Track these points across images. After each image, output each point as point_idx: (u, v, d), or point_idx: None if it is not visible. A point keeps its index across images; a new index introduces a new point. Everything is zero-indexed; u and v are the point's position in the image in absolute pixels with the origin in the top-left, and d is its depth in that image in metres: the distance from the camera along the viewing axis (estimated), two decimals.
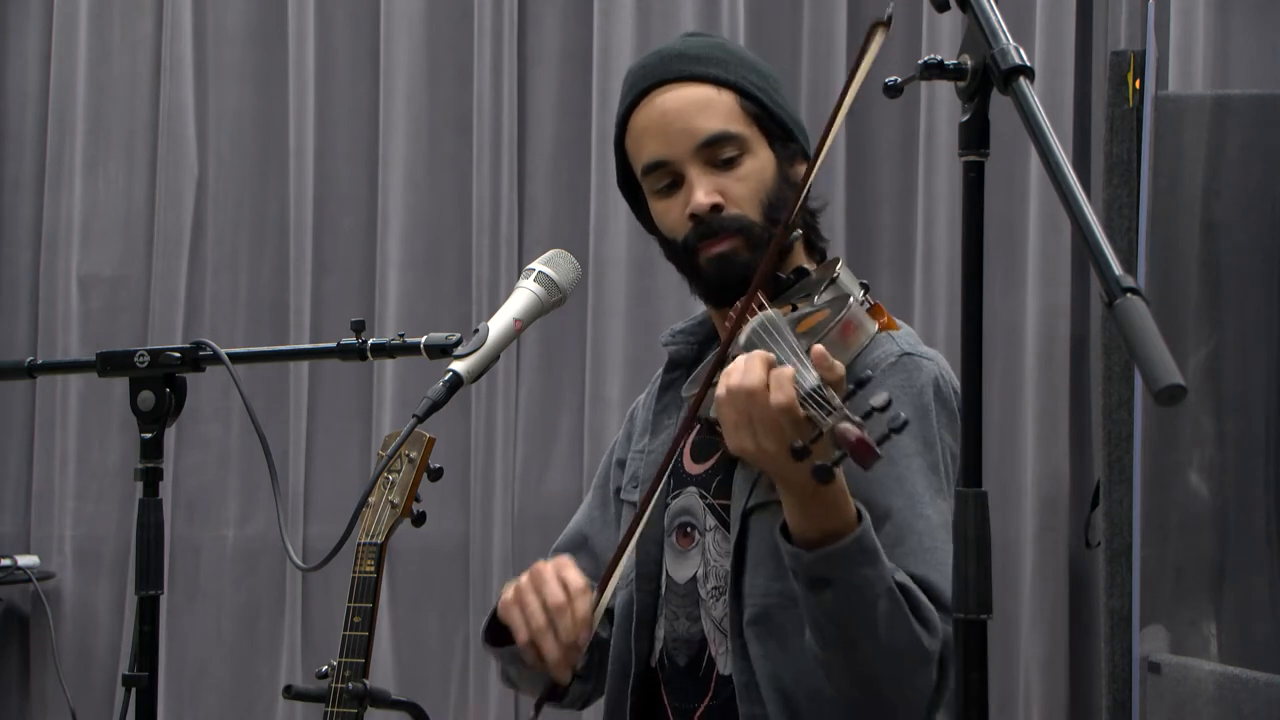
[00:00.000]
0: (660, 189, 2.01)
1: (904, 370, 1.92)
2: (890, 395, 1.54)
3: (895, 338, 1.94)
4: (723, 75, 2.00)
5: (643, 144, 2.02)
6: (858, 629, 1.77)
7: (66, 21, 4.27)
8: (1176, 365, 1.19)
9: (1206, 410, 3.40)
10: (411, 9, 4.21)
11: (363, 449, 4.18)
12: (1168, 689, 3.25)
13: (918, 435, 1.89)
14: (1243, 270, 3.44)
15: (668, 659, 2.01)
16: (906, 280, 4.02)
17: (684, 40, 2.08)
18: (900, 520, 1.86)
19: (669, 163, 1.99)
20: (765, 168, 1.99)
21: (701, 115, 1.98)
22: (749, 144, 1.98)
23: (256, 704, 4.19)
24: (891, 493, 1.87)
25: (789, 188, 1.99)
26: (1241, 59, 3.86)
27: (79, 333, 4.24)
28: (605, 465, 2.26)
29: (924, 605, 1.81)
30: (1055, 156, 1.31)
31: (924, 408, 1.91)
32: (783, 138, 2.01)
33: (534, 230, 4.16)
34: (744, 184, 1.97)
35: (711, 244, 1.97)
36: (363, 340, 1.96)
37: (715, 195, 1.96)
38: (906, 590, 1.79)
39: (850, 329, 1.75)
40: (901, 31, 4.08)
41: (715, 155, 1.97)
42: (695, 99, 1.98)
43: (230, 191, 4.28)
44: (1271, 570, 3.37)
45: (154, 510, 1.94)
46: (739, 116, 1.98)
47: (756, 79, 2.01)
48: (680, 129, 1.97)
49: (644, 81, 2.01)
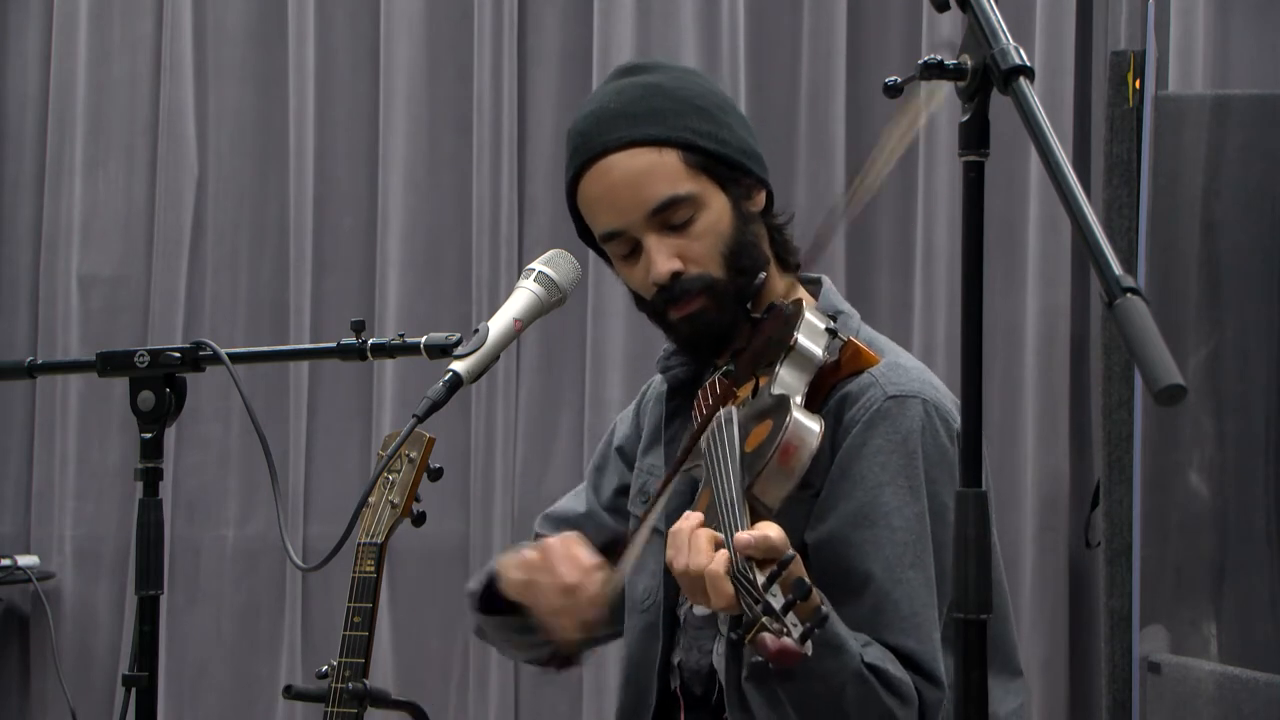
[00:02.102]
0: (621, 255, 2.00)
1: (887, 419, 1.89)
2: (810, 588, 1.52)
3: (877, 376, 1.91)
4: (662, 134, 1.95)
5: (595, 215, 2.00)
6: (825, 712, 1.77)
7: (66, 22, 4.27)
8: (1176, 365, 1.18)
9: (1206, 410, 3.40)
10: (411, 9, 4.21)
11: (363, 449, 4.18)
12: (1168, 689, 3.25)
13: (903, 486, 1.87)
14: (1243, 270, 3.44)
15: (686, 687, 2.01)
16: (906, 280, 4.02)
17: (618, 91, 2.01)
18: (878, 589, 1.85)
19: (624, 232, 1.97)
20: (721, 218, 1.96)
21: (647, 183, 1.94)
22: (700, 199, 1.95)
23: (256, 704, 4.19)
24: (869, 558, 1.85)
25: (749, 225, 1.98)
26: (1241, 59, 3.86)
27: (79, 333, 4.24)
28: (602, 452, 2.25)
29: (896, 680, 1.80)
30: (1055, 156, 1.31)
31: (910, 454, 1.88)
32: (735, 176, 1.98)
33: (534, 230, 4.16)
34: (701, 242, 1.95)
35: (679, 306, 1.96)
36: (363, 340, 1.96)
37: (674, 262, 1.94)
38: (877, 670, 1.78)
39: (789, 453, 1.73)
40: (902, 31, 4.09)
41: (668, 219, 1.94)
42: (639, 167, 1.94)
43: (230, 191, 4.28)
44: (1271, 570, 3.37)
45: (154, 510, 1.94)
46: (685, 175, 1.94)
47: (699, 123, 1.96)
48: (629, 200, 1.95)
49: (585, 152, 1.98)
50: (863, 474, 1.88)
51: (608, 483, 2.23)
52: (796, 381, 1.84)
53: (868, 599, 1.84)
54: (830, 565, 1.85)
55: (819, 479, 1.89)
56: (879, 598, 1.84)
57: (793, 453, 1.74)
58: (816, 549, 1.86)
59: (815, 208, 3.94)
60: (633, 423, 2.22)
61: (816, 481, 1.88)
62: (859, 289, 3.99)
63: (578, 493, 2.27)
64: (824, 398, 1.89)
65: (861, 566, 1.85)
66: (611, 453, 2.23)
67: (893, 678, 1.80)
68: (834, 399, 1.91)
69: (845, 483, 1.88)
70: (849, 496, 1.88)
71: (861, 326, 2.03)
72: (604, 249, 2.03)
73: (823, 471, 1.88)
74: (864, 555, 1.85)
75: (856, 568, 1.85)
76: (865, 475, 1.88)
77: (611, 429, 2.27)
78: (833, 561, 1.85)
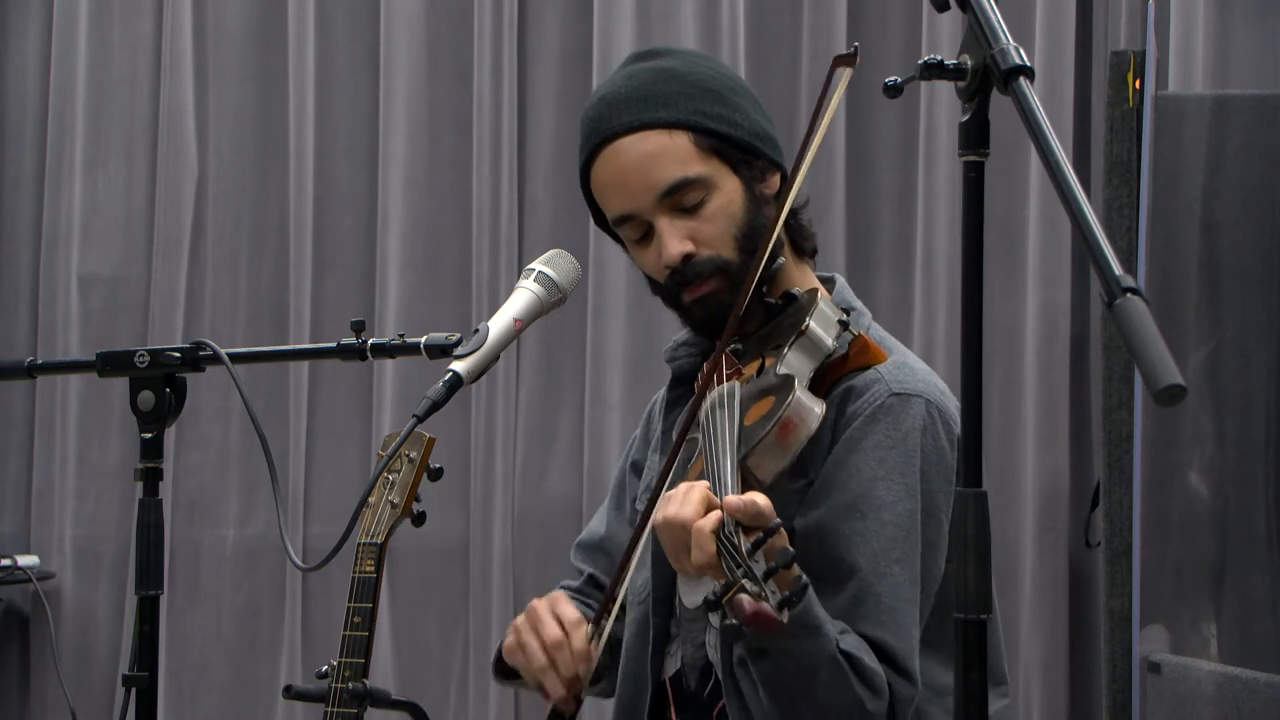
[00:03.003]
0: (634, 239, 2.01)
1: (890, 415, 1.90)
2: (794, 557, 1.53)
3: (883, 373, 1.91)
4: (673, 116, 1.96)
5: (607, 199, 2.01)
6: (797, 693, 1.78)
7: (66, 22, 4.27)
8: (1176, 365, 1.19)
9: (1206, 410, 3.40)
10: (411, 9, 4.21)
11: (363, 449, 4.18)
12: (1168, 689, 3.25)
13: (899, 482, 1.88)
14: (1243, 270, 3.44)
15: (682, 680, 2.01)
16: (906, 280, 4.02)
17: (629, 76, 2.02)
18: (862, 581, 1.85)
19: (636, 215, 1.98)
20: (733, 199, 1.97)
21: (658, 166, 1.95)
22: (712, 181, 1.96)
23: (256, 704, 4.19)
24: (856, 550, 1.86)
25: (762, 207, 1.98)
26: (1241, 59, 3.86)
27: (79, 333, 4.24)
28: (621, 469, 2.26)
29: (869, 670, 1.80)
30: (1055, 156, 1.31)
31: (909, 452, 1.89)
32: (748, 159, 1.99)
33: (534, 230, 4.16)
34: (713, 224, 1.96)
35: (692, 289, 1.97)
36: (363, 340, 1.96)
37: (686, 244, 1.95)
38: (851, 658, 1.79)
39: (789, 429, 1.74)
40: (902, 31, 4.09)
41: (679, 202, 1.95)
42: (649, 150, 1.95)
43: (230, 191, 4.28)
44: (1271, 570, 3.37)
45: (154, 510, 1.94)
46: (696, 156, 1.95)
47: (710, 106, 1.97)
48: (640, 183, 1.96)
49: (596, 136, 1.99)
50: (859, 466, 1.88)
51: (627, 497, 2.23)
52: (803, 366, 1.85)
53: (850, 589, 1.85)
54: (817, 553, 1.85)
55: (814, 468, 1.89)
56: (861, 589, 1.85)
57: (792, 429, 1.75)
58: (805, 536, 1.87)
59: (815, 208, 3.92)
60: (643, 436, 2.23)
61: (811, 471, 1.89)
62: (859, 289, 3.92)
63: (601, 513, 2.28)
64: (827, 389, 1.90)
65: (848, 557, 1.86)
66: (627, 469, 2.24)
67: (866, 667, 1.80)
68: (838, 391, 1.91)
69: (841, 473, 1.89)
70: (843, 487, 1.88)
71: (872, 325, 2.04)
72: (617, 233, 2.04)
73: (819, 460, 1.89)
74: (851, 546, 1.86)
75: (843, 558, 1.86)
76: (861, 468, 1.88)
77: (629, 445, 2.28)
78: (820, 550, 1.86)
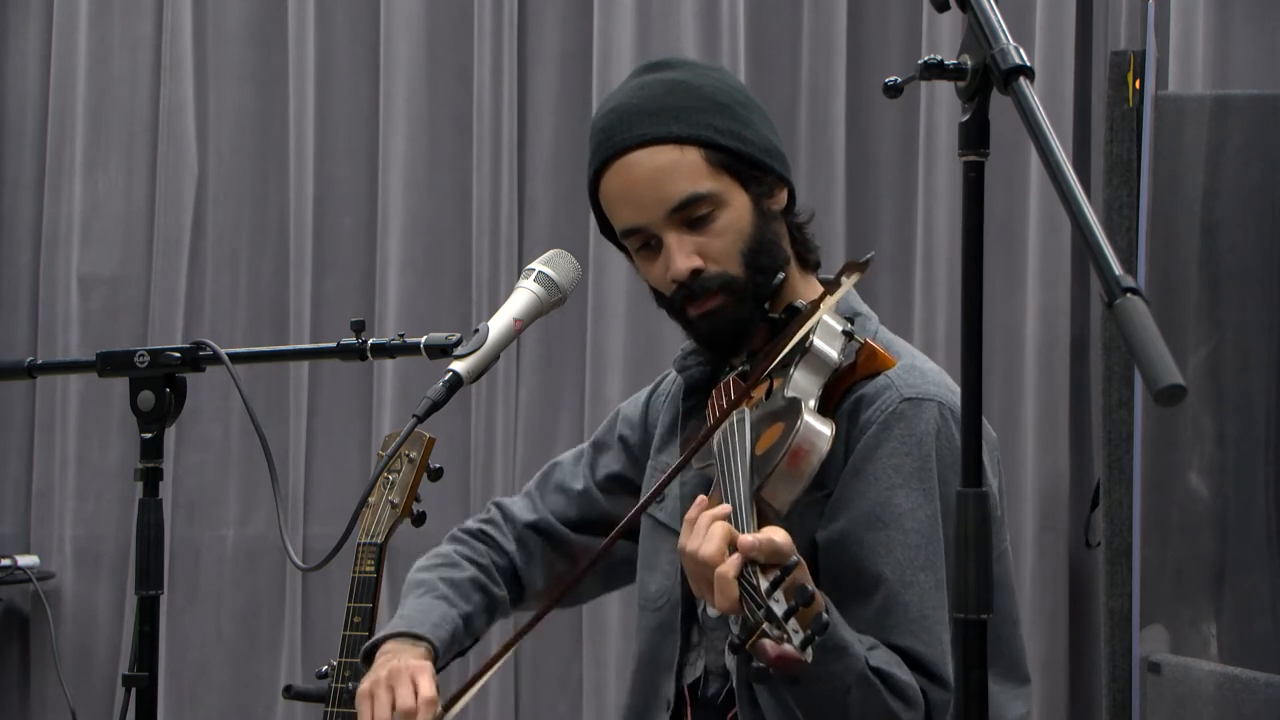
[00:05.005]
0: (641, 251, 2.00)
1: (903, 421, 1.90)
2: (813, 594, 1.52)
3: (894, 379, 1.91)
4: (685, 131, 1.95)
5: (616, 211, 2.00)
6: (829, 715, 1.77)
7: (66, 21, 4.27)
8: (1176, 365, 1.19)
9: (1206, 410, 3.40)
10: (411, 9, 4.21)
11: (363, 449, 4.18)
12: (1168, 689, 3.25)
13: (917, 488, 1.88)
14: (1243, 270, 3.44)
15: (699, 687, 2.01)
16: (906, 280, 4.02)
17: (640, 87, 2.01)
18: (889, 591, 1.85)
19: (644, 229, 1.97)
20: (741, 215, 1.96)
21: (668, 180, 1.94)
22: (721, 197, 1.95)
23: (256, 704, 4.19)
24: (881, 560, 1.86)
25: (770, 223, 1.99)
26: (1241, 59, 3.86)
27: (79, 333, 4.24)
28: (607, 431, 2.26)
29: (902, 684, 1.80)
30: (1055, 156, 1.31)
31: (925, 457, 1.89)
32: (757, 174, 1.98)
33: (534, 230, 4.16)
34: (721, 239, 1.95)
35: (698, 304, 1.97)
36: (363, 340, 1.96)
37: (694, 259, 1.94)
38: (882, 674, 1.78)
39: (799, 456, 1.74)
40: (902, 31, 4.09)
41: (688, 216, 1.95)
42: (660, 164, 1.95)
43: (230, 191, 4.28)
44: (1271, 570, 3.37)
45: (154, 510, 1.94)
46: (706, 172, 1.95)
47: (721, 120, 1.97)
48: (650, 197, 1.95)
49: (608, 148, 1.98)
50: (876, 475, 1.88)
51: (605, 464, 2.24)
52: (810, 384, 1.85)
53: (877, 600, 1.85)
54: (841, 565, 1.85)
55: (832, 479, 1.89)
56: (889, 599, 1.85)
57: (802, 457, 1.75)
58: (827, 548, 1.87)
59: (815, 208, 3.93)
60: (641, 415, 2.23)
61: (829, 482, 1.89)
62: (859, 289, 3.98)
63: (578, 461, 2.27)
64: (839, 399, 1.90)
65: (872, 567, 1.86)
66: (615, 439, 2.24)
67: (898, 680, 1.80)
68: (850, 400, 1.91)
69: (859, 483, 1.89)
70: (862, 496, 1.88)
71: (880, 329, 2.04)
72: (624, 245, 2.03)
73: (836, 471, 1.89)
74: (875, 556, 1.86)
75: (867, 568, 1.85)
76: (879, 476, 1.88)
77: (617, 412, 2.28)
78: (844, 561, 1.86)
